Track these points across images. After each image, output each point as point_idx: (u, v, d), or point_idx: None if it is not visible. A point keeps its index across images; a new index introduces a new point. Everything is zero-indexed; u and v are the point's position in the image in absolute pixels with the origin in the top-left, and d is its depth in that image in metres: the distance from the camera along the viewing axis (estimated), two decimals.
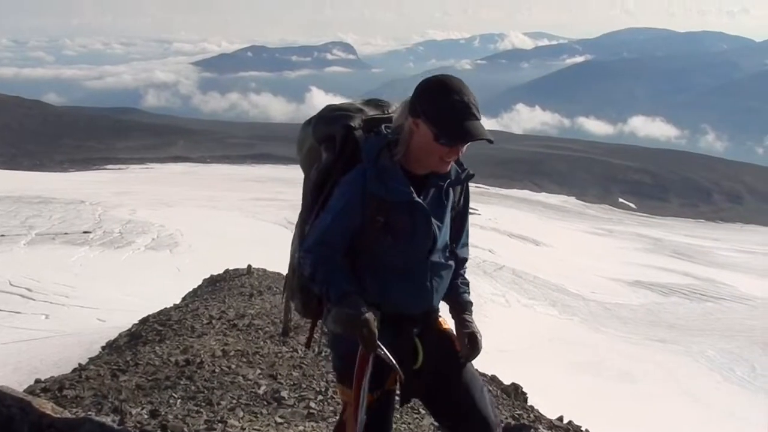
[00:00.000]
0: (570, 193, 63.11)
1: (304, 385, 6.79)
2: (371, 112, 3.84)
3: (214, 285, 12.03)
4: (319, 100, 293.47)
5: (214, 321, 8.80)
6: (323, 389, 6.76)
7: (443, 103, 3.43)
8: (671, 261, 39.02)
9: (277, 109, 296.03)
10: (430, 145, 3.45)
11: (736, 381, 24.82)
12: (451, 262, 3.76)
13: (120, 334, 9.97)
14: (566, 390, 19.18)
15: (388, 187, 3.48)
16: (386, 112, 3.81)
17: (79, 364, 8.10)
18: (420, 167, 3.55)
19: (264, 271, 12.59)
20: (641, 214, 65.16)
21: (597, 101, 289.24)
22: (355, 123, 3.73)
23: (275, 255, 25.04)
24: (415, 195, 3.50)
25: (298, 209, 3.64)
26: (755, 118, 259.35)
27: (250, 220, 35.77)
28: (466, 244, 3.96)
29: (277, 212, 37.12)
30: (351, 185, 3.53)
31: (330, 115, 3.82)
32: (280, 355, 7.48)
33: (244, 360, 7.23)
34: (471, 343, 3.71)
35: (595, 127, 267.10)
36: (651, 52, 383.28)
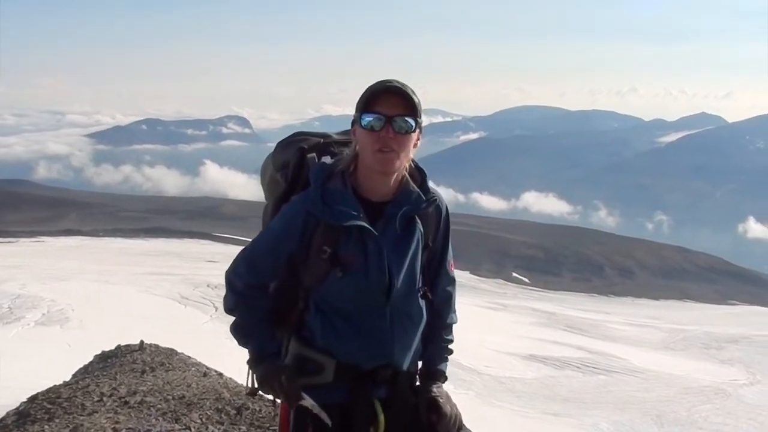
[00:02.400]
0: (464, 268, 63.48)
1: None
2: (338, 137, 3.56)
3: (105, 361, 11.75)
4: (214, 173, 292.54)
5: (105, 398, 8.58)
6: None
7: (367, 87, 3.23)
8: (564, 335, 39.38)
9: (171, 182, 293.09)
10: (362, 141, 3.20)
11: None
12: (422, 312, 3.40)
13: (8, 413, 9.65)
14: None
15: (333, 210, 3.17)
16: None
17: None
18: (372, 189, 3.26)
19: (157, 346, 12.36)
20: (535, 288, 65.81)
21: (491, 177, 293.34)
22: (310, 146, 3.45)
23: (168, 330, 24.66)
24: (363, 219, 3.19)
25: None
26: (645, 194, 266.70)
27: (142, 295, 35.16)
28: (450, 299, 3.59)
29: (171, 287, 36.58)
30: (294, 206, 3.26)
31: (288, 140, 3.56)
32: None
33: None
34: (432, 410, 3.36)
35: (489, 202, 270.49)
36: (543, 129, 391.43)
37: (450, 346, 3.67)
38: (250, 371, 3.50)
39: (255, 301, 3.34)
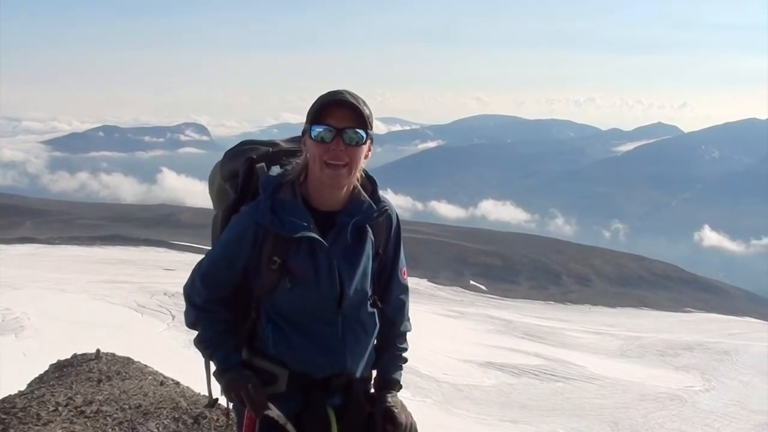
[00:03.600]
0: (422, 276, 63.27)
1: None
2: (287, 146, 3.55)
3: (61, 370, 11.61)
4: (171, 181, 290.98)
5: (60, 408, 8.49)
6: None
7: (318, 98, 3.20)
8: (522, 342, 39.44)
9: (128, 189, 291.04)
10: (311, 152, 3.19)
11: None
12: (374, 320, 3.42)
13: None
14: None
15: (283, 221, 3.16)
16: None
17: None
18: (322, 199, 3.26)
19: (113, 355, 12.22)
20: (492, 296, 65.71)
21: (449, 185, 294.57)
22: (259, 156, 3.43)
23: (125, 339, 24.48)
24: (314, 230, 3.19)
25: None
26: (602, 202, 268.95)
27: (99, 303, 34.76)
28: (403, 306, 3.60)
29: (127, 295, 36.21)
30: (244, 217, 3.24)
31: (236, 149, 3.55)
32: None
33: None
34: (387, 420, 3.37)
35: (447, 210, 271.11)
36: (501, 138, 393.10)
37: (404, 354, 3.67)
38: (210, 382, 3.51)
39: (215, 315, 3.34)
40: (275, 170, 3.36)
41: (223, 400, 3.49)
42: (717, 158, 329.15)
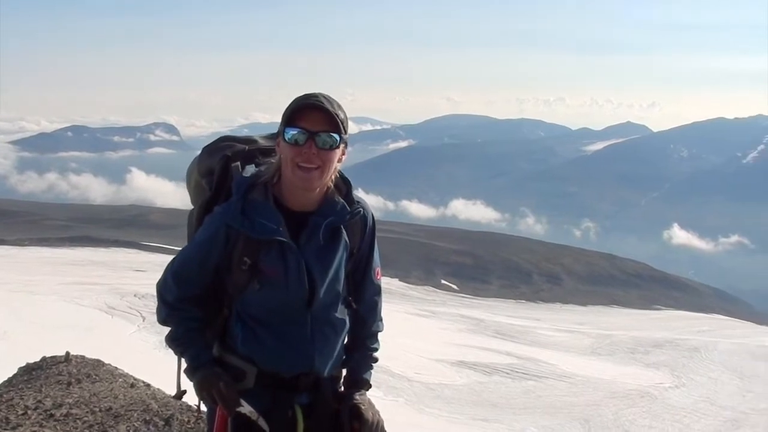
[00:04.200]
0: (393, 275, 63.18)
1: None
2: (264, 143, 3.55)
3: (29, 373, 11.51)
4: (141, 181, 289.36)
5: (29, 411, 8.42)
6: None
7: (292, 100, 3.20)
8: (493, 341, 39.53)
9: (97, 190, 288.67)
10: (284, 154, 3.19)
11: None
12: (344, 320, 3.42)
13: None
14: None
15: (253, 223, 3.17)
16: None
17: None
18: (295, 200, 3.26)
19: (83, 357, 12.12)
20: (463, 295, 65.70)
21: (419, 185, 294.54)
22: (234, 153, 3.44)
23: (95, 341, 24.28)
24: (283, 233, 3.20)
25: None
26: (572, 201, 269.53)
27: (68, 305, 34.53)
28: (375, 307, 3.60)
29: (97, 297, 36.00)
30: (216, 218, 3.25)
31: (214, 146, 3.56)
32: None
33: None
34: (354, 417, 3.39)
35: (418, 210, 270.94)
36: (471, 138, 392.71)
37: (375, 354, 3.67)
38: (180, 376, 3.51)
39: (187, 313, 3.35)
40: (249, 170, 3.37)
41: (191, 394, 3.49)
42: (686, 157, 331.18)
